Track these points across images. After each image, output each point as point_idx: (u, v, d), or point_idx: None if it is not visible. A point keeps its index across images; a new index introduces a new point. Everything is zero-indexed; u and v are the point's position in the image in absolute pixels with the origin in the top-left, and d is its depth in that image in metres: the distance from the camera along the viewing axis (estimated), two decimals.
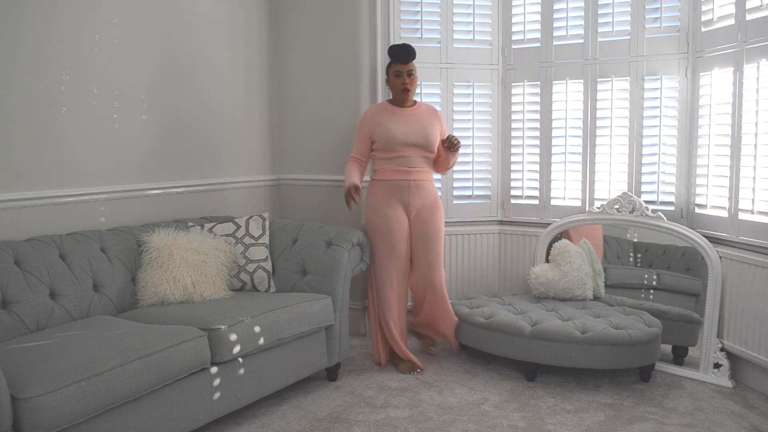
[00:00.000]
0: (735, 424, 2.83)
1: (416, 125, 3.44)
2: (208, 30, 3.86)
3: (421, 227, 3.47)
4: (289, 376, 3.06)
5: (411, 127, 3.43)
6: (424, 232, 3.47)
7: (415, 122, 3.45)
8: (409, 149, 3.42)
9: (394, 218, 3.44)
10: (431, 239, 3.47)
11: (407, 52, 3.43)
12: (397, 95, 3.50)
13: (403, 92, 3.46)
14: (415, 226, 3.48)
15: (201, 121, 3.84)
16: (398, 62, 3.44)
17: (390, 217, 3.43)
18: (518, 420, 2.89)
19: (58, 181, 3.10)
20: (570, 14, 3.87)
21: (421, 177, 3.46)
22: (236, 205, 4.09)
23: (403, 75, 3.44)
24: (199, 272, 3.11)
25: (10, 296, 2.62)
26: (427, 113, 3.51)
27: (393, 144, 3.41)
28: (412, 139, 3.41)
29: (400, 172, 3.44)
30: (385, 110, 3.50)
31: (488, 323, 3.43)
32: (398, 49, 3.44)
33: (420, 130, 3.43)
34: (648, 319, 3.35)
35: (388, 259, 3.45)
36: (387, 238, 3.44)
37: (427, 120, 3.47)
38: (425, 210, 3.46)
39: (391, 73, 3.48)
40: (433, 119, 3.50)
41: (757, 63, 3.04)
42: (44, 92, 3.02)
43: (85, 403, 2.15)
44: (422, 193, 3.45)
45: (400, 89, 3.46)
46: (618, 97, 3.76)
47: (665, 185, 3.69)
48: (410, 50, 3.44)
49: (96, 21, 3.23)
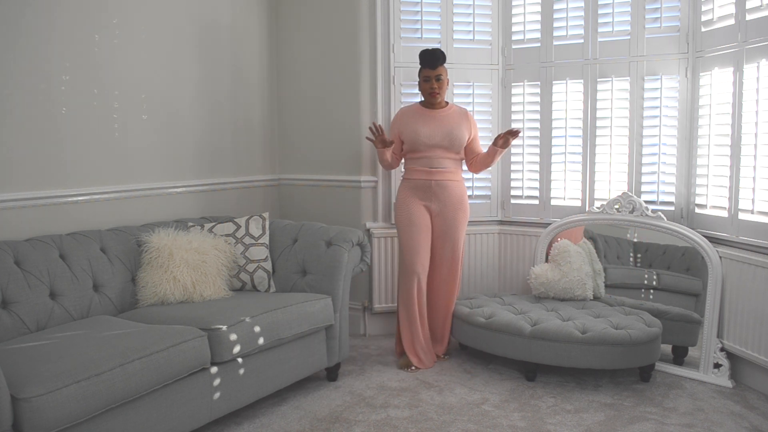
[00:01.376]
0: (735, 424, 2.83)
1: (442, 127, 3.52)
2: (208, 30, 3.86)
3: (443, 225, 3.57)
4: (289, 376, 3.06)
5: (437, 129, 3.52)
6: (444, 230, 3.57)
7: (442, 124, 3.53)
8: (433, 150, 3.53)
9: (417, 214, 3.55)
10: (450, 237, 3.57)
11: (435, 57, 3.49)
12: (426, 98, 3.60)
13: (431, 95, 3.54)
14: (437, 224, 3.58)
15: (201, 121, 3.84)
16: (426, 67, 3.51)
17: (413, 212, 3.55)
18: (518, 420, 2.89)
19: (58, 181, 3.10)
20: (570, 14, 3.87)
21: (445, 177, 3.55)
22: (236, 205, 4.09)
23: (431, 80, 3.52)
24: (199, 272, 3.11)
25: (10, 296, 2.62)
26: (456, 115, 3.59)
27: (417, 145, 3.53)
28: (436, 140, 3.51)
29: (424, 172, 3.55)
30: (415, 112, 3.61)
31: (488, 323, 3.43)
32: (427, 55, 3.51)
33: (445, 132, 3.51)
34: (648, 319, 3.35)
35: (410, 252, 3.55)
36: (409, 232, 3.56)
37: (455, 122, 3.55)
38: (448, 209, 3.56)
39: (421, 77, 3.56)
40: (462, 121, 3.57)
41: (757, 63, 3.04)
42: (44, 92, 3.02)
43: (85, 403, 2.15)
44: (445, 192, 3.54)
45: (428, 93, 3.55)
46: (618, 97, 3.76)
47: (665, 185, 3.69)
48: (438, 55, 3.50)
49: (96, 21, 3.23)
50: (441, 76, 3.52)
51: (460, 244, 3.63)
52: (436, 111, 3.58)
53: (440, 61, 3.50)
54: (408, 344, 3.56)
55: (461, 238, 3.63)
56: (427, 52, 3.51)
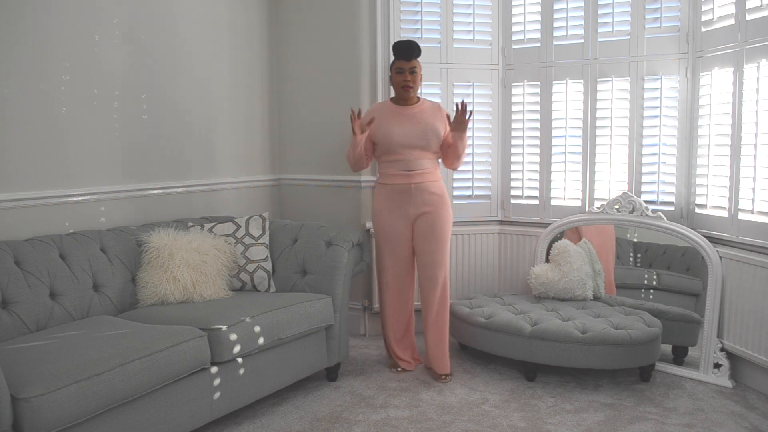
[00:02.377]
0: (735, 424, 2.83)
1: (417, 126, 3.36)
2: (208, 30, 3.86)
3: (425, 226, 3.39)
4: (289, 376, 3.06)
5: (411, 127, 3.35)
6: (429, 231, 3.39)
7: (417, 122, 3.36)
8: (409, 152, 3.36)
9: (393, 224, 3.42)
10: (434, 237, 3.39)
11: (410, 49, 3.34)
12: (398, 93, 3.42)
13: (403, 89, 3.37)
14: (419, 227, 3.41)
15: (201, 121, 3.84)
16: (401, 59, 3.36)
17: (389, 223, 3.43)
18: (518, 420, 2.89)
19: (58, 181, 3.10)
20: (570, 14, 3.87)
21: (424, 179, 3.38)
22: (236, 205, 4.09)
23: (405, 72, 3.35)
24: (199, 272, 3.10)
25: (10, 296, 2.62)
26: (430, 111, 3.42)
27: (392, 146, 3.36)
28: (411, 140, 3.34)
29: (401, 175, 3.38)
30: (387, 110, 3.43)
31: (488, 323, 3.43)
32: (401, 46, 3.35)
33: (420, 131, 3.35)
34: (648, 319, 3.35)
35: (387, 261, 3.48)
36: (386, 242, 3.47)
37: (429, 118, 3.38)
38: (429, 210, 3.39)
39: (394, 69, 3.39)
40: (436, 116, 3.40)
41: (757, 63, 3.04)
42: (44, 92, 3.02)
43: (85, 403, 2.15)
44: (425, 194, 3.38)
45: (400, 86, 3.38)
46: (618, 97, 3.76)
47: (665, 185, 3.69)
48: (413, 47, 3.35)
49: (96, 21, 3.23)
50: (415, 69, 3.35)
51: (448, 247, 3.44)
52: (408, 108, 3.40)
53: (415, 53, 3.35)
54: (390, 349, 3.56)
55: (448, 240, 3.44)
56: (401, 43, 3.35)
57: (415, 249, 3.47)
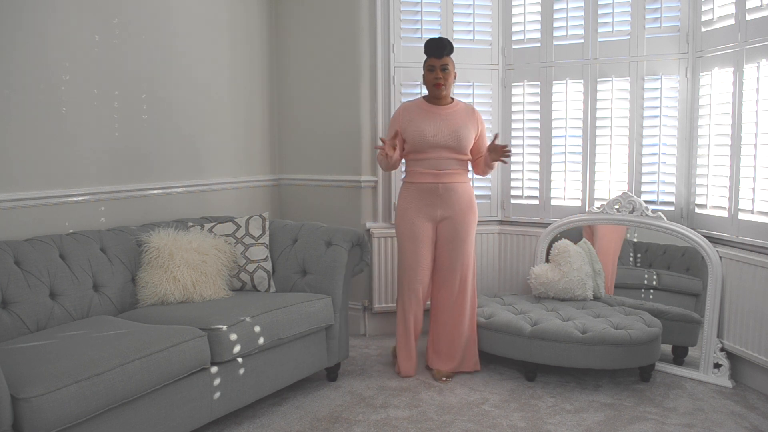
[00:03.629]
0: (735, 424, 2.83)
1: (448, 126, 3.31)
2: (208, 30, 3.86)
3: (451, 229, 3.35)
4: (289, 376, 3.06)
5: (442, 127, 3.31)
6: (453, 235, 3.35)
7: (448, 122, 3.32)
8: (439, 151, 3.31)
9: (419, 225, 3.35)
10: (456, 242, 3.35)
11: (441, 46, 3.30)
12: (430, 90, 3.38)
13: (435, 87, 3.32)
14: (443, 229, 3.36)
15: (201, 121, 3.84)
16: (432, 56, 3.32)
17: (415, 224, 3.35)
18: (518, 420, 2.89)
19: (58, 181, 3.10)
20: (570, 14, 3.87)
21: (452, 179, 3.34)
22: (236, 205, 4.09)
23: (437, 69, 3.31)
24: (199, 272, 3.11)
25: (10, 296, 2.62)
26: (463, 113, 3.38)
27: (422, 145, 3.31)
28: (442, 140, 3.29)
29: (430, 174, 3.33)
30: (419, 108, 3.38)
31: (488, 323, 3.43)
32: (432, 43, 3.32)
33: (452, 131, 3.30)
34: (648, 319, 3.35)
35: (410, 268, 3.38)
36: (410, 246, 3.38)
37: (461, 120, 3.35)
38: (456, 213, 3.34)
39: (426, 67, 3.36)
40: (469, 119, 3.37)
41: (757, 63, 3.04)
42: (44, 92, 3.02)
43: (85, 403, 2.15)
44: (453, 196, 3.33)
45: (432, 84, 3.34)
46: (618, 97, 3.76)
47: (665, 185, 3.69)
48: (445, 44, 3.31)
49: (96, 21, 3.23)
50: (447, 66, 3.31)
51: (471, 250, 3.39)
52: (441, 108, 3.36)
53: (447, 50, 3.31)
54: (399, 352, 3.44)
55: (472, 244, 3.39)
56: (432, 40, 3.32)
57: (436, 251, 3.41)
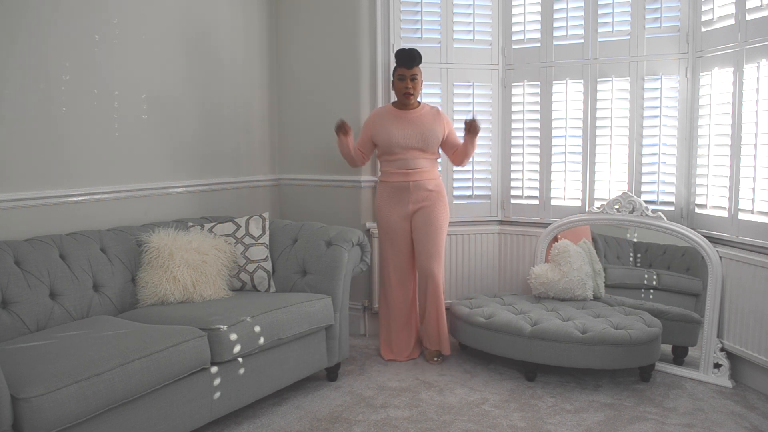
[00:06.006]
0: (735, 424, 2.83)
1: (416, 128, 3.55)
2: (208, 30, 3.86)
3: (422, 219, 3.59)
4: (289, 376, 3.06)
5: (410, 130, 3.55)
6: (424, 224, 3.59)
7: (416, 126, 3.56)
8: (408, 152, 3.57)
9: (394, 219, 3.62)
10: (429, 230, 3.58)
11: (411, 57, 3.51)
12: (399, 98, 3.62)
13: (404, 96, 3.56)
14: (416, 220, 3.61)
15: (201, 121, 3.84)
16: (402, 66, 3.54)
17: (390, 218, 3.63)
18: (518, 420, 2.89)
19: (58, 181, 3.10)
20: (570, 14, 3.87)
21: (421, 177, 3.59)
22: (236, 205, 4.09)
23: (407, 79, 3.54)
24: (199, 272, 3.11)
25: (10, 296, 2.62)
26: (429, 115, 3.61)
27: (392, 147, 3.57)
28: (410, 142, 3.55)
29: (400, 174, 3.59)
30: (388, 113, 3.63)
31: (488, 323, 3.43)
32: (403, 54, 3.53)
33: (419, 134, 3.55)
34: (648, 319, 3.35)
35: (388, 254, 3.67)
36: (386, 236, 3.67)
37: (428, 122, 3.58)
38: (425, 204, 3.59)
39: (396, 76, 3.58)
40: (435, 121, 3.60)
41: (757, 63, 3.04)
42: (44, 92, 3.02)
43: (85, 403, 2.15)
44: (422, 191, 3.58)
45: (402, 92, 3.57)
46: (618, 97, 3.76)
47: (665, 185, 3.69)
48: (415, 55, 3.52)
49: (96, 21, 3.23)
50: (416, 76, 3.54)
51: (441, 237, 3.59)
52: (409, 112, 3.60)
53: (416, 61, 3.52)
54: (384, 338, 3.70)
55: (442, 231, 3.59)
56: (403, 51, 3.53)
57: (413, 242, 3.65)
